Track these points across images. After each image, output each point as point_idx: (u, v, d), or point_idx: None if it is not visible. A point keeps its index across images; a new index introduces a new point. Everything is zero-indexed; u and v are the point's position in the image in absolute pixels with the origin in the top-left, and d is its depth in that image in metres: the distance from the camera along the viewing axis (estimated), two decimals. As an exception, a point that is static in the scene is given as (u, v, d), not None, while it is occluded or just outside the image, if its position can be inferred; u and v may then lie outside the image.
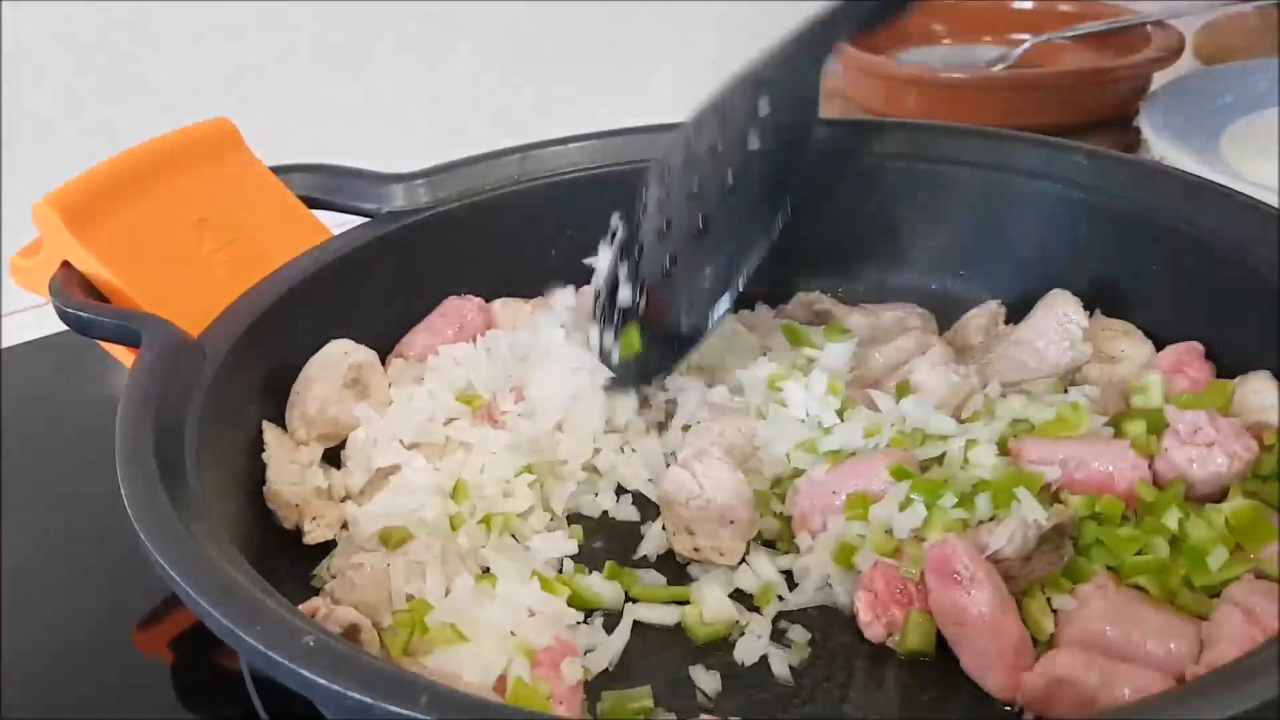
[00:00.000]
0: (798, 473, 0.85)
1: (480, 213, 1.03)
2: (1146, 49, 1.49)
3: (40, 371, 1.17)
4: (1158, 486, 0.78)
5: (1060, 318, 0.93)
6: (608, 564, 0.81)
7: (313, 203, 1.01)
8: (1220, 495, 0.78)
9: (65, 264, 0.87)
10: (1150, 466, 0.79)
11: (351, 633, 0.67)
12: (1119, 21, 1.59)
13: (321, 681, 0.55)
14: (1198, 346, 0.89)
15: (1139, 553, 0.74)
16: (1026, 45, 1.61)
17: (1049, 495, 0.78)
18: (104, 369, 1.04)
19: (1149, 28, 1.54)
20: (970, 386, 0.90)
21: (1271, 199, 0.90)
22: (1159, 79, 1.49)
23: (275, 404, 0.89)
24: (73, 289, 0.86)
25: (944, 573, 0.71)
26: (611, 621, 0.78)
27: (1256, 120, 1.42)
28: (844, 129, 1.10)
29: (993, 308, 1.00)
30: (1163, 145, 1.29)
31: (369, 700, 0.54)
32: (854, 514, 0.79)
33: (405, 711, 0.54)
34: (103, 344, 0.89)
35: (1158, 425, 0.81)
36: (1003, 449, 0.82)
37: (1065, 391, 0.90)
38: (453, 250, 1.02)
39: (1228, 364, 0.88)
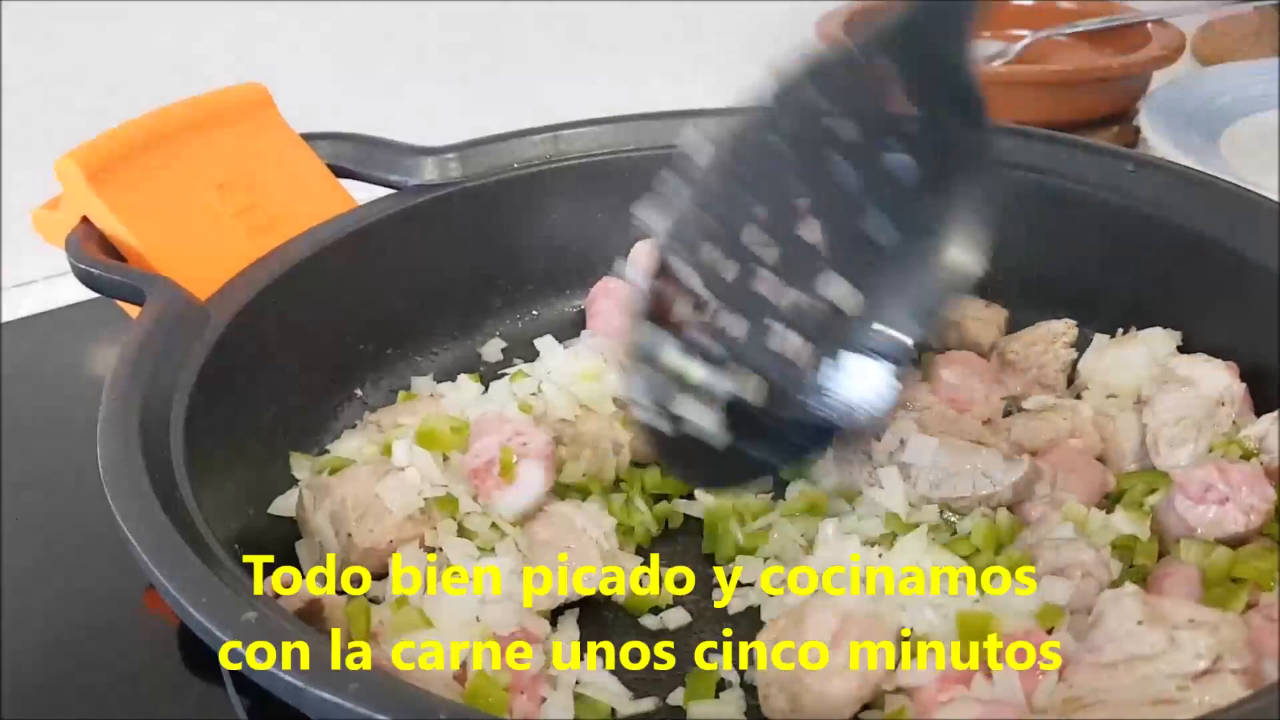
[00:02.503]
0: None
1: (511, 190, 1.01)
2: (1147, 47, 1.45)
3: (44, 345, 1.15)
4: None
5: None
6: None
7: (341, 172, 1.00)
8: (1240, 543, 0.73)
9: (84, 220, 0.88)
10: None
11: (312, 610, 0.66)
12: (1119, 19, 1.56)
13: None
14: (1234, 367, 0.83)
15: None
16: (1026, 41, 1.57)
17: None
18: (108, 343, 1.02)
19: (1149, 26, 1.51)
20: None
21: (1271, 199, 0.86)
22: (1159, 78, 1.47)
23: (280, 373, 0.87)
24: (88, 244, 0.86)
25: None
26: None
27: (1256, 122, 1.38)
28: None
29: (1056, 328, 0.92)
30: (1162, 145, 1.26)
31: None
32: None
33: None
34: (120, 304, 0.89)
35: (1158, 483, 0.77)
36: None
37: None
38: (480, 227, 1.00)
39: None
